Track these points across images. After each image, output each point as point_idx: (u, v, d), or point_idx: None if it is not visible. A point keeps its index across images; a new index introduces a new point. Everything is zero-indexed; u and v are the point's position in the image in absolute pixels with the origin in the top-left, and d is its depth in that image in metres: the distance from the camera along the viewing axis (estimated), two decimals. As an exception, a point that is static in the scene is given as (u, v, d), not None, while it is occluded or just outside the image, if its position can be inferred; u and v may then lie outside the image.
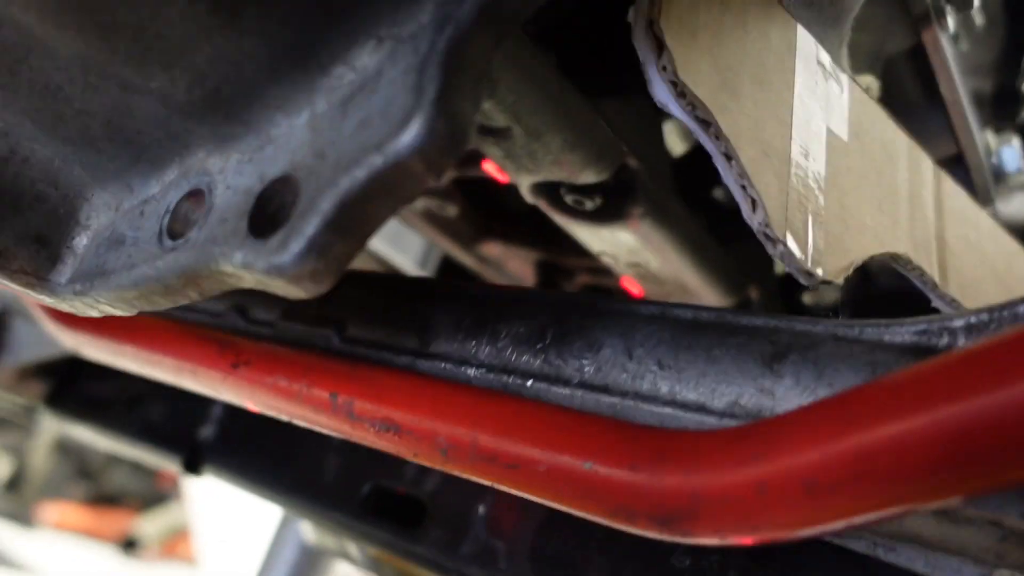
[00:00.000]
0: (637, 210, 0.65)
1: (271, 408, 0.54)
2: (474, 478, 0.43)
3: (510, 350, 0.48)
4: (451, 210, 0.82)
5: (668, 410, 0.41)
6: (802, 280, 0.42)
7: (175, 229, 0.38)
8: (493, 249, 0.90)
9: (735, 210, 0.45)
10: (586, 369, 0.44)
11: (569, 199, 0.64)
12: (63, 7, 0.32)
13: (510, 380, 0.47)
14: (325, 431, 0.51)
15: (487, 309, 0.51)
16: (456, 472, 0.44)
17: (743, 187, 0.39)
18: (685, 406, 0.40)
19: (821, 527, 0.32)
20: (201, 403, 0.82)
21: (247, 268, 0.34)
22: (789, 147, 0.43)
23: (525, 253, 0.90)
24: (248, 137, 0.37)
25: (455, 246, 0.89)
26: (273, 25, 0.33)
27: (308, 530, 1.01)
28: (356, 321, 0.56)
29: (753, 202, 0.40)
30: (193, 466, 0.79)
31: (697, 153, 0.76)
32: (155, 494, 5.03)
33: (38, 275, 0.41)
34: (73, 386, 0.98)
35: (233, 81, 0.35)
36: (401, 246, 1.13)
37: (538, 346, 0.47)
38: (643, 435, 0.38)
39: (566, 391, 0.44)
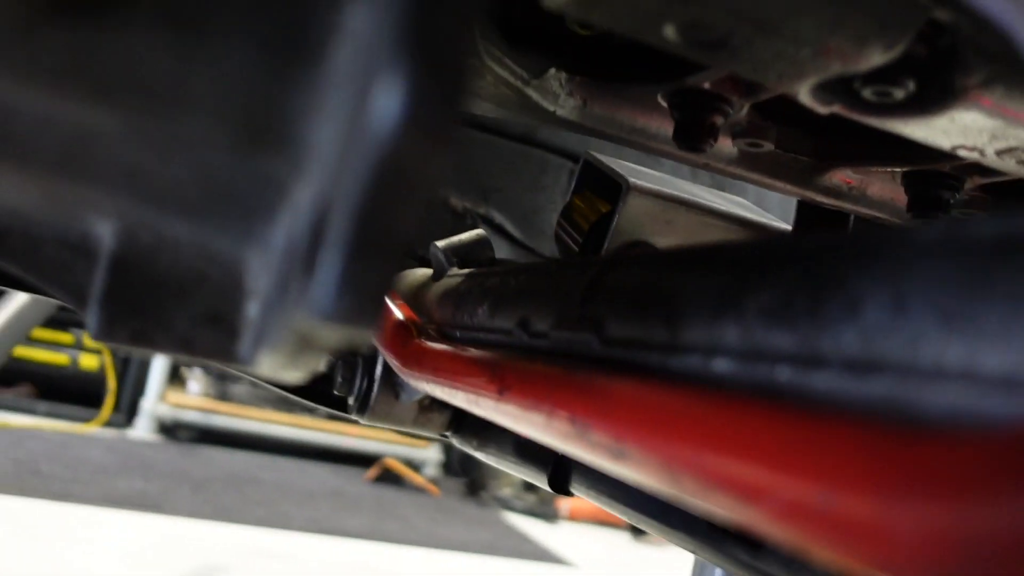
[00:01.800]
0: (973, 80, 0.46)
1: (536, 434, 0.48)
2: (721, 514, 0.32)
3: (757, 328, 0.35)
4: (767, 144, 0.68)
5: (962, 389, 0.25)
6: None
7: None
8: (843, 177, 0.73)
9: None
10: (845, 341, 0.30)
11: (869, 94, 0.48)
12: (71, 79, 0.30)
13: (760, 370, 0.34)
14: (581, 459, 0.43)
15: (733, 275, 0.38)
16: (706, 505, 0.33)
17: None
18: (986, 381, 0.25)
19: None
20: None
21: (309, 323, 0.28)
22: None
23: (886, 171, 0.72)
24: (310, 161, 0.31)
25: (794, 186, 0.74)
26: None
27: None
28: (613, 318, 0.47)
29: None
30: (558, 484, 0.76)
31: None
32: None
33: (225, 352, 0.40)
34: (468, 414, 1.02)
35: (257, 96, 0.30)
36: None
37: (787, 317, 0.33)
38: (899, 440, 0.24)
39: (825, 378, 0.31)
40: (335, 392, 1.06)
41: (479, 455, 0.99)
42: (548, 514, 4.83)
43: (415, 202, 0.24)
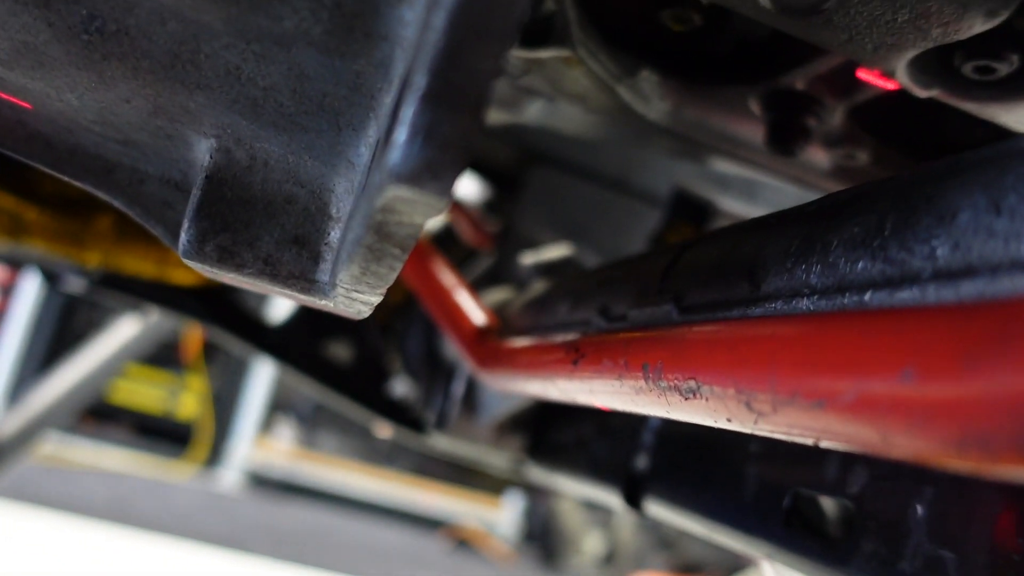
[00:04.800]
0: (1084, 54, 0.44)
1: (606, 397, 0.47)
2: (790, 435, 0.30)
3: (843, 261, 0.34)
4: (862, 156, 0.67)
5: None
6: None
7: (370, 187, 0.35)
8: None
9: None
10: (938, 252, 0.29)
11: (969, 70, 0.46)
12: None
13: (847, 299, 0.33)
14: (648, 411, 0.42)
15: (818, 222, 0.37)
16: (773, 432, 0.32)
17: None
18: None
19: None
20: (632, 434, 0.76)
21: (384, 192, 0.28)
22: None
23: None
24: (395, 54, 0.32)
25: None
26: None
27: None
28: (692, 288, 0.46)
29: None
30: (633, 499, 0.74)
31: None
32: (735, 562, 5.06)
33: (306, 278, 0.41)
34: (544, 436, 1.01)
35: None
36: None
37: (875, 243, 0.32)
38: (982, 311, 0.22)
39: (914, 292, 0.29)
40: (413, 410, 1.06)
41: (553, 479, 0.97)
42: (623, 590, 4.67)
43: (492, 46, 0.25)
